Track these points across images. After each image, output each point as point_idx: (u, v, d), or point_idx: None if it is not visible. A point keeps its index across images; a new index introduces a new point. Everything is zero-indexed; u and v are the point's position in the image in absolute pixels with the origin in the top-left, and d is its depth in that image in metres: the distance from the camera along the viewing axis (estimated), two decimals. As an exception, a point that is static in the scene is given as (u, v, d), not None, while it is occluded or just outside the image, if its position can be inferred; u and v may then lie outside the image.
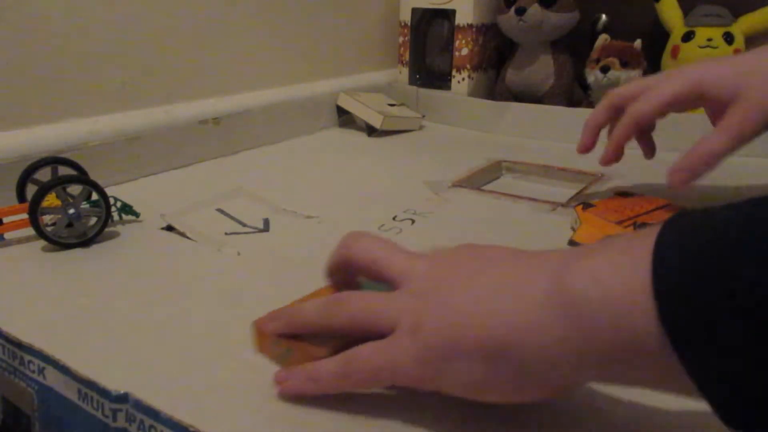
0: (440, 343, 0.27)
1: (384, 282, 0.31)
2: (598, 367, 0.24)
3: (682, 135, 0.56)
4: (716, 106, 0.49)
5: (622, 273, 0.22)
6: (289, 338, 0.32)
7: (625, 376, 0.24)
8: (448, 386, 0.28)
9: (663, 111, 0.51)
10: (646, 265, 0.21)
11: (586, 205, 0.54)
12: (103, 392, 0.31)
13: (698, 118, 0.60)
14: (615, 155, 0.55)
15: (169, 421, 0.29)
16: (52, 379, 0.34)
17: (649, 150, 0.58)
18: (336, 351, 0.30)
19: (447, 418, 0.30)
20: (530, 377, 0.25)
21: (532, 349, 0.25)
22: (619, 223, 0.51)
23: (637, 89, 0.53)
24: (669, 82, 0.51)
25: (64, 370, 0.33)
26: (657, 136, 0.58)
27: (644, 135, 0.57)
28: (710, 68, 0.49)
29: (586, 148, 0.57)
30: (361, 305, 0.30)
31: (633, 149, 0.57)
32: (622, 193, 0.58)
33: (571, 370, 0.24)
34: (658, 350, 0.21)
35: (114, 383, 0.31)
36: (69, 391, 0.33)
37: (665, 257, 0.21)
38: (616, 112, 0.54)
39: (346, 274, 0.34)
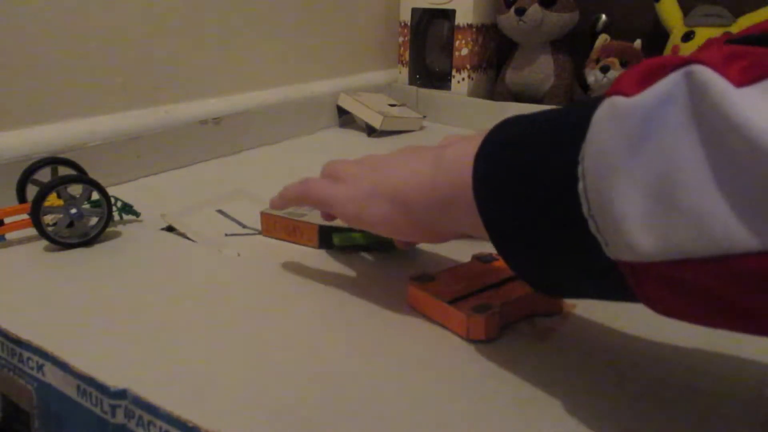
0: (367, 187, 0.39)
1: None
2: (451, 212, 0.35)
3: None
4: None
5: (468, 145, 0.33)
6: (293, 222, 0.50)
7: (460, 221, 0.35)
8: (369, 222, 0.40)
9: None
10: (479, 142, 0.32)
11: (423, 279, 0.41)
12: (102, 388, 0.31)
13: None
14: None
15: (168, 417, 0.29)
16: (51, 375, 0.34)
17: None
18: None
19: (447, 419, 0.30)
20: (420, 223, 0.38)
21: (419, 200, 0.37)
22: (458, 299, 0.38)
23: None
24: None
25: (63, 366, 0.33)
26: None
27: None
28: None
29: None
30: (320, 192, 0.43)
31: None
32: (482, 258, 0.44)
33: (441, 214, 0.36)
34: (471, 198, 0.32)
35: (113, 380, 0.31)
36: (68, 387, 0.33)
37: (489, 139, 0.32)
38: None
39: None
